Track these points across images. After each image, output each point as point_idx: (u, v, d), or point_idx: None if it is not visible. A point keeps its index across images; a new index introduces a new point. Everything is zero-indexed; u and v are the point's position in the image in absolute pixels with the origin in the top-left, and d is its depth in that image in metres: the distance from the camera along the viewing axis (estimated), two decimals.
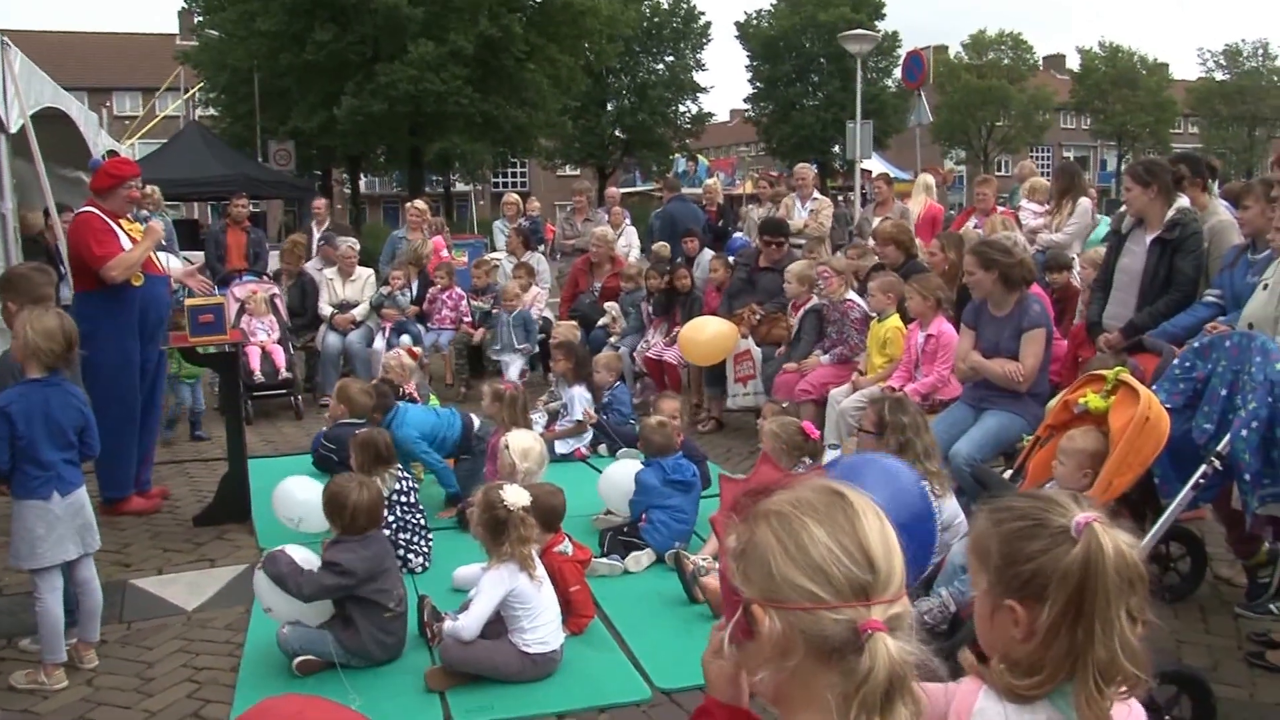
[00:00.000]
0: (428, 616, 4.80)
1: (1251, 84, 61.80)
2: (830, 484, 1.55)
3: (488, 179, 41.92)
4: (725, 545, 1.55)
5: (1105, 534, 1.78)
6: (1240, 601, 5.30)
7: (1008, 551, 1.83)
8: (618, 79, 47.27)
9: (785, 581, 1.43)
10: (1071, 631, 1.77)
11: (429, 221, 12.71)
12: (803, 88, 50.37)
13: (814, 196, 11.64)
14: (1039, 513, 1.84)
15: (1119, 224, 6.66)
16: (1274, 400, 3.84)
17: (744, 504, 1.56)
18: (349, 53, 28.04)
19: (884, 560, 1.46)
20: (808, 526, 1.46)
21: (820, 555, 1.43)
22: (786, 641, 1.44)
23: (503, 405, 6.67)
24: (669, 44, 48.25)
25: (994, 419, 5.93)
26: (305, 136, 29.53)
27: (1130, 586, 1.78)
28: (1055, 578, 1.77)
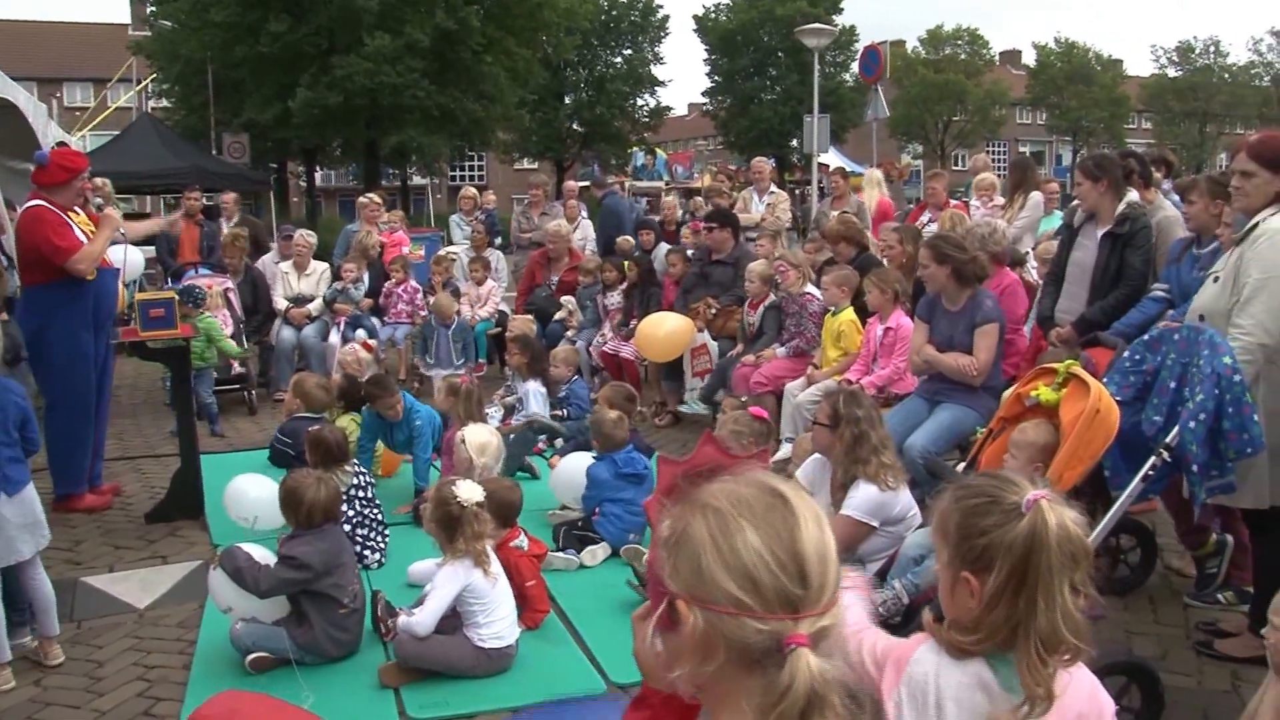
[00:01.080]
0: (382, 612, 4.78)
1: (1203, 81, 62.62)
2: (772, 482, 1.50)
3: (444, 172, 41.75)
4: (657, 531, 1.50)
5: (1051, 510, 1.90)
6: (1189, 591, 5.39)
7: (964, 526, 1.96)
8: (575, 72, 47.16)
9: (713, 582, 1.39)
10: (1013, 600, 1.89)
11: (387, 217, 12.62)
12: (761, 81, 50.50)
13: (771, 190, 11.67)
14: (995, 491, 1.97)
15: (1071, 218, 6.73)
16: (1221, 392, 3.88)
17: (682, 487, 1.52)
18: (304, 44, 27.76)
19: (818, 571, 1.41)
20: (743, 529, 1.41)
21: (752, 561, 1.39)
22: (708, 642, 1.40)
23: (458, 400, 6.64)
24: (627, 37, 48.19)
25: (948, 412, 5.98)
26: (260, 129, 29.22)
27: (1073, 561, 1.90)
28: (1003, 550, 1.89)
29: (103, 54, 48.79)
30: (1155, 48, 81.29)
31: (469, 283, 11.28)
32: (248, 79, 28.74)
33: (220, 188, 23.43)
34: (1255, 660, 3.49)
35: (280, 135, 30.07)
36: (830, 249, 8.70)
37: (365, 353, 8.70)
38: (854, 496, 4.54)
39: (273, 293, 10.90)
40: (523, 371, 8.15)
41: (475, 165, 59.10)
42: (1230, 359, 3.93)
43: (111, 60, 39.39)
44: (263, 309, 10.73)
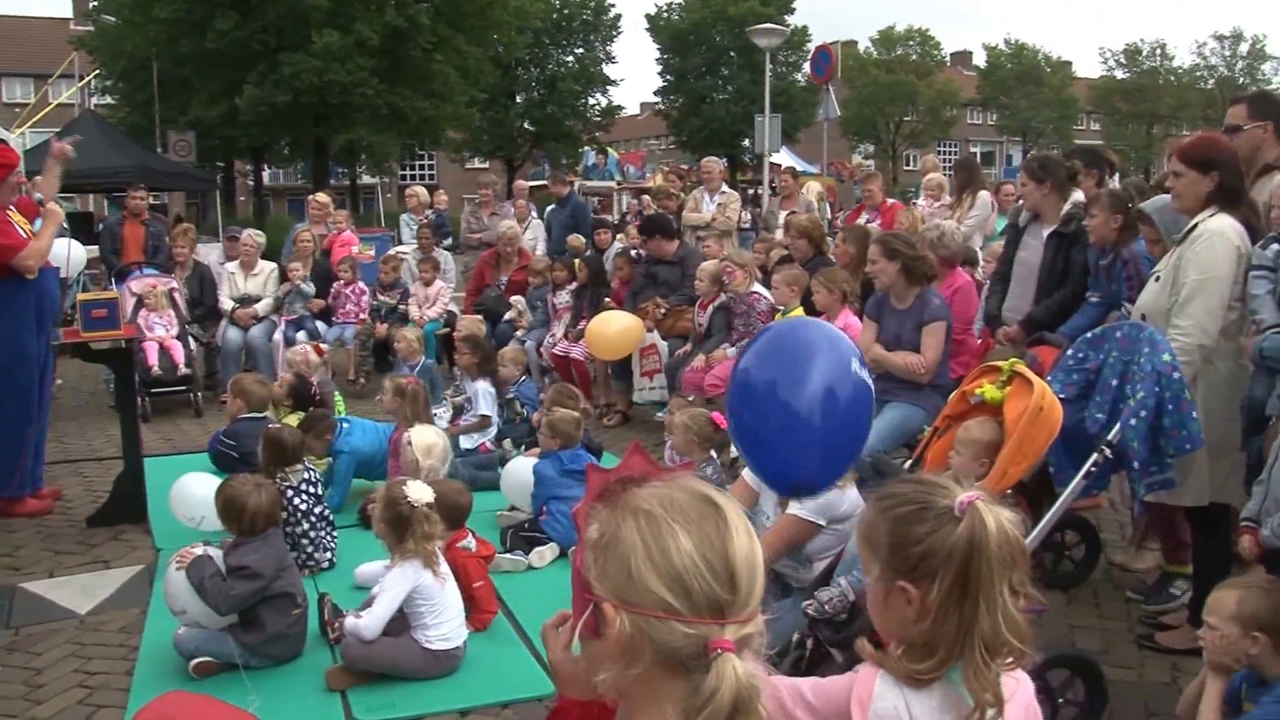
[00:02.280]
0: (329, 615, 4.75)
1: (1150, 83, 63.44)
2: (705, 490, 1.51)
3: (394, 172, 41.49)
4: (585, 536, 1.51)
5: (987, 512, 1.86)
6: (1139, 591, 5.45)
7: (897, 536, 1.90)
8: (527, 71, 46.98)
9: (642, 585, 1.39)
10: (960, 607, 1.84)
11: (335, 217, 12.53)
12: (713, 81, 50.60)
13: (722, 190, 11.70)
14: (923, 496, 1.91)
15: (1016, 218, 6.80)
16: (1161, 390, 3.93)
17: (613, 492, 1.52)
18: (251, 41, 27.42)
19: (746, 580, 1.42)
20: (676, 533, 1.42)
21: (683, 565, 1.40)
22: (634, 646, 1.40)
23: (404, 401, 6.60)
24: (579, 36, 48.08)
25: (895, 411, 6.01)
26: (207, 127, 28.84)
27: (1012, 561, 1.87)
28: (943, 556, 1.84)
29: (43, 49, 47.95)
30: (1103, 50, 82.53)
31: (417, 283, 11.20)
32: (194, 76, 28.37)
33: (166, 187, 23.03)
34: (1195, 652, 3.56)
35: (227, 133, 29.70)
36: (789, 243, 8.74)
37: (315, 356, 8.63)
38: None
39: (219, 293, 10.77)
40: (471, 372, 8.10)
41: (425, 164, 58.75)
42: (1170, 357, 3.98)
43: (52, 55, 38.61)
44: (208, 301, 10.64)
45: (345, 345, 10.77)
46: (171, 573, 4.53)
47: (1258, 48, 64.35)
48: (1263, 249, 4.47)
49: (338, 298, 10.90)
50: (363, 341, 10.64)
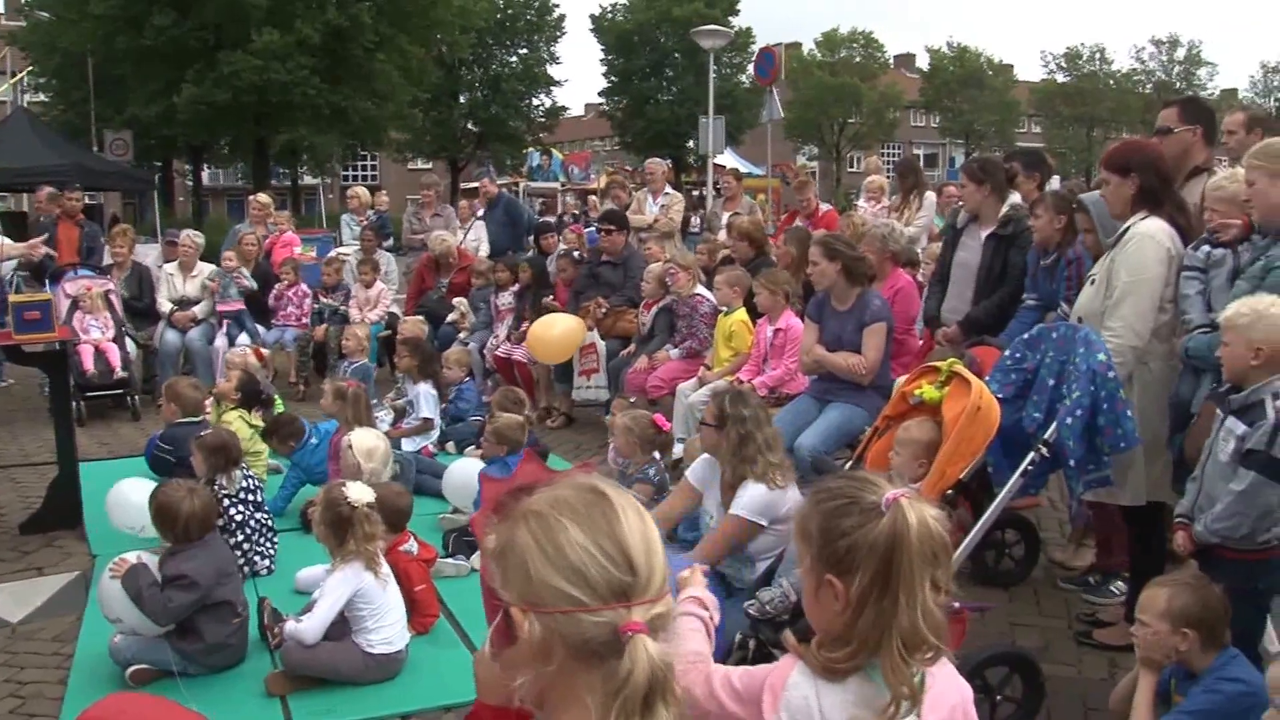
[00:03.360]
0: (268, 620, 4.70)
1: (1090, 86, 64.32)
2: (592, 482, 1.53)
3: (337, 172, 41.14)
4: (484, 547, 1.53)
5: (911, 508, 1.89)
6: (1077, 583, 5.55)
7: (825, 529, 1.93)
8: (470, 71, 46.70)
9: (544, 584, 1.42)
10: (879, 602, 1.86)
11: (275, 218, 12.39)
12: (657, 82, 50.64)
13: (665, 191, 11.71)
14: (854, 491, 1.94)
15: (955, 220, 6.87)
16: (1096, 389, 3.98)
17: (505, 504, 1.54)
18: (190, 39, 27.06)
19: (644, 560, 1.45)
20: (565, 527, 1.44)
21: (578, 557, 1.42)
22: (546, 645, 1.42)
23: (345, 404, 6.53)
24: (523, 36, 47.87)
25: (837, 411, 6.06)
26: (144, 126, 28.41)
27: (934, 558, 1.89)
28: (865, 550, 1.87)
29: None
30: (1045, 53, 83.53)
31: (358, 284, 11.10)
32: (130, 74, 27.92)
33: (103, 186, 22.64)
34: (1132, 648, 3.61)
35: (165, 133, 29.32)
36: (731, 245, 8.77)
37: (255, 359, 8.53)
38: (743, 496, 4.57)
39: (157, 295, 10.62)
40: (413, 374, 8.05)
41: (368, 165, 58.25)
42: (1105, 356, 4.04)
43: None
44: (144, 301, 10.49)
45: (286, 348, 10.64)
46: (106, 581, 4.44)
47: (1193, 53, 65.62)
48: (1194, 250, 4.55)
49: (280, 299, 10.78)
50: (303, 345, 10.53)
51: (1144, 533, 4.70)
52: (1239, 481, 3.49)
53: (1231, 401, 3.59)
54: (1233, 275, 4.37)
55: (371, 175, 57.47)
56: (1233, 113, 5.87)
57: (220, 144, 32.67)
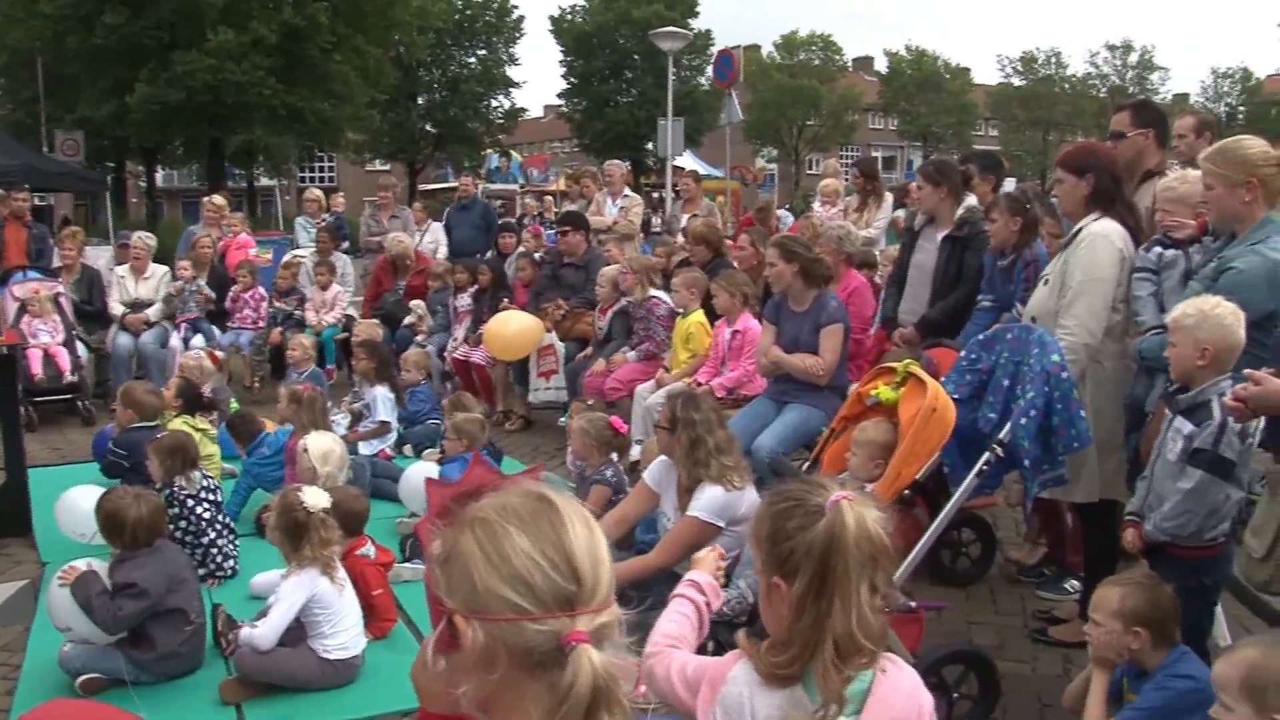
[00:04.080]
0: (223, 626, 4.66)
1: (1045, 90, 64.86)
2: (538, 489, 1.53)
3: (293, 173, 40.82)
4: (430, 553, 1.51)
5: (850, 510, 1.89)
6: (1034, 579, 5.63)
7: (773, 531, 1.95)
8: (428, 72, 46.45)
9: (488, 592, 1.41)
10: (817, 604, 1.87)
11: (230, 220, 12.27)
12: (617, 84, 50.56)
13: (624, 194, 11.71)
14: (801, 494, 1.96)
15: (912, 222, 6.91)
16: (1050, 389, 4.02)
17: (451, 509, 1.53)
18: (143, 38, 26.65)
19: (590, 570, 1.44)
20: (511, 535, 1.43)
21: (523, 565, 1.41)
22: (489, 653, 1.41)
23: (300, 408, 6.48)
24: (481, 37, 47.67)
25: (795, 413, 6.08)
26: (96, 126, 28.02)
27: (873, 561, 1.90)
28: (803, 552, 1.88)
29: None
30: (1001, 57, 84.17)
31: (314, 287, 11.02)
32: (81, 73, 27.50)
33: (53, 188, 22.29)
34: (1086, 645, 3.65)
35: (118, 133, 28.93)
36: (688, 248, 8.79)
37: (210, 363, 8.44)
38: (699, 498, 4.57)
39: (109, 299, 10.48)
40: (369, 377, 7.99)
41: (325, 166, 57.81)
42: (1059, 357, 4.08)
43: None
44: (95, 305, 10.35)
45: (241, 351, 10.54)
46: (55, 589, 4.38)
47: (1146, 58, 66.35)
48: (1145, 251, 4.62)
49: (236, 302, 10.67)
50: (258, 347, 10.43)
51: (1097, 530, 4.75)
52: (1187, 480, 3.53)
53: (1179, 401, 3.64)
54: (1185, 277, 4.44)
55: (329, 177, 57.03)
56: (1183, 117, 5.95)
57: (174, 145, 32.30)
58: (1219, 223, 4.18)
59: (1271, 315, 3.76)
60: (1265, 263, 3.88)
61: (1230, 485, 3.52)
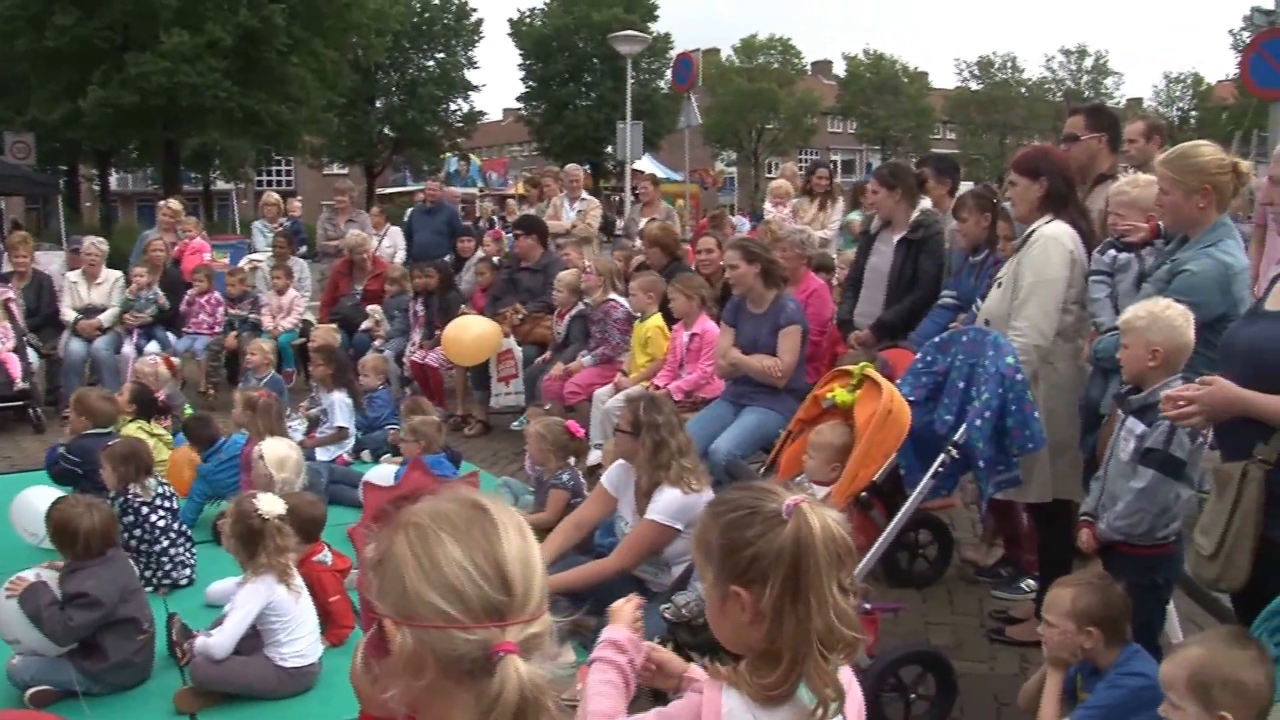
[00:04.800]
0: (177, 635, 4.60)
1: (1002, 94, 65.42)
2: (474, 497, 1.53)
3: (250, 177, 40.42)
4: (364, 556, 1.51)
5: (813, 513, 1.89)
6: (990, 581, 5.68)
7: (728, 541, 1.92)
8: (387, 75, 46.23)
9: (418, 598, 1.41)
10: (794, 609, 1.86)
11: (185, 224, 12.14)
12: (576, 87, 50.50)
13: (582, 197, 11.71)
14: (753, 501, 1.94)
15: (868, 225, 6.95)
16: (1004, 391, 4.06)
17: (387, 513, 1.53)
18: (95, 39, 26.27)
19: (521, 580, 1.45)
20: (443, 542, 1.44)
21: (454, 573, 1.41)
22: (417, 659, 1.41)
23: (256, 414, 6.42)
24: (440, 40, 47.51)
25: (752, 415, 6.10)
26: (48, 129, 27.58)
27: (839, 560, 1.90)
28: (771, 558, 1.86)
29: None
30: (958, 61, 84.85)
31: (271, 292, 10.93)
32: (32, 75, 27.07)
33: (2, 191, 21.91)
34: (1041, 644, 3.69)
35: (70, 136, 28.52)
36: (645, 252, 8.80)
37: (165, 369, 8.35)
38: (658, 501, 4.58)
39: (60, 304, 10.34)
40: (326, 383, 7.94)
41: (283, 170, 57.32)
42: (1013, 359, 4.12)
43: None
44: (44, 310, 10.20)
45: (196, 357, 10.43)
46: (3, 600, 4.31)
47: (1101, 63, 67.08)
48: (1100, 254, 4.67)
49: (191, 306, 10.57)
50: (214, 353, 10.33)
51: (1051, 530, 4.80)
52: (1139, 480, 3.57)
53: (1131, 402, 3.68)
54: (1138, 279, 4.50)
55: (286, 180, 56.56)
56: (1133, 122, 6.03)
57: (128, 148, 31.91)
58: (1174, 227, 4.23)
59: (1223, 317, 3.81)
60: (1217, 266, 3.93)
61: (1181, 484, 3.56)
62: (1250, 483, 3.00)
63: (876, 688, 3.88)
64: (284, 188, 43.82)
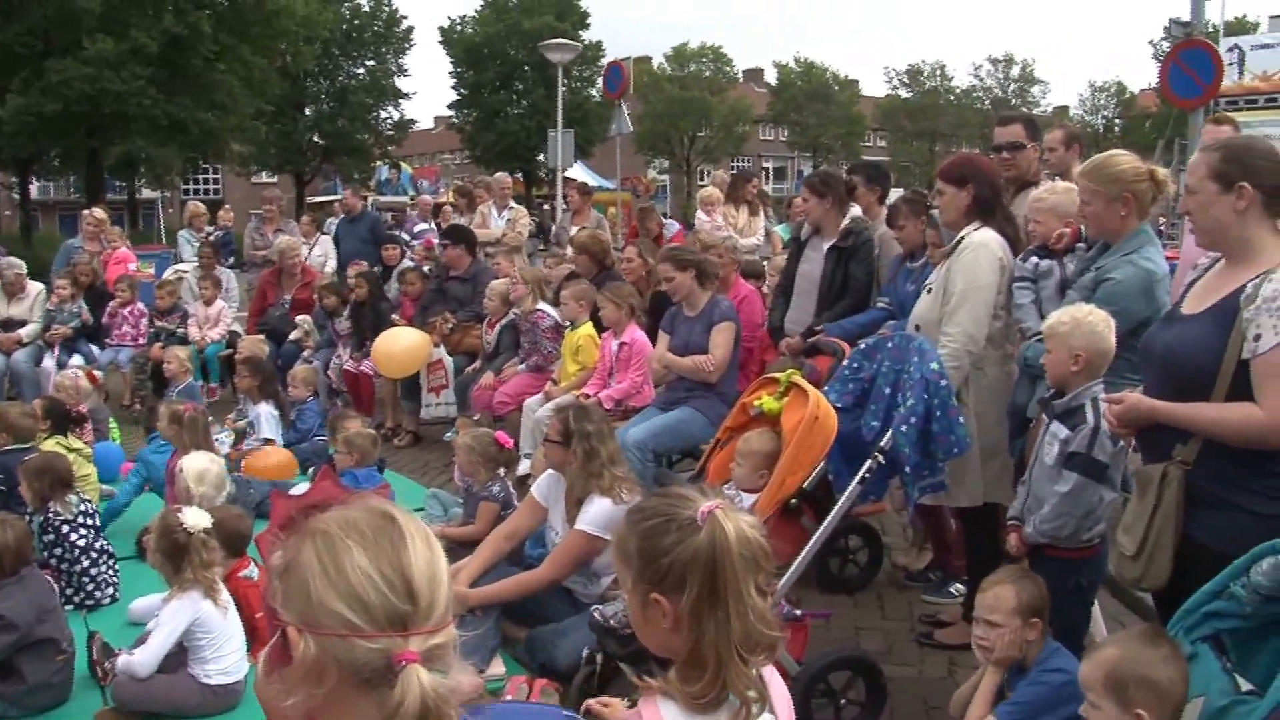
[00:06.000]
0: (98, 654, 4.50)
1: (931, 102, 66.34)
2: (383, 506, 1.53)
3: (177, 185, 39.82)
4: (270, 563, 1.51)
5: (727, 519, 1.92)
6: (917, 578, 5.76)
7: (646, 548, 1.94)
8: (316, 83, 45.69)
9: (321, 606, 1.41)
10: (713, 613, 1.88)
11: (109, 234, 11.91)
12: (507, 95, 50.37)
13: (510, 205, 11.67)
14: (669, 509, 1.96)
15: (798, 232, 6.99)
16: (929, 397, 4.10)
17: (295, 521, 1.52)
18: (15, 45, 25.67)
19: (426, 590, 1.45)
20: (350, 551, 1.44)
21: (359, 581, 1.42)
22: (319, 667, 1.41)
23: (181, 428, 6.31)
24: (370, 48, 47.09)
25: (674, 413, 6.18)
26: None
27: (755, 563, 1.92)
28: (689, 565, 1.88)
29: None
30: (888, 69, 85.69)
31: (198, 302, 10.75)
32: None
33: None
34: (969, 647, 3.73)
35: None
36: (573, 260, 8.79)
37: (87, 382, 8.17)
38: (588, 511, 4.57)
39: None
40: (253, 395, 7.82)
41: (211, 178, 56.50)
42: (937, 365, 4.16)
43: None
44: None
45: (121, 369, 10.23)
46: None
47: (1027, 71, 68.33)
48: (1023, 261, 4.75)
49: (114, 318, 10.36)
50: (139, 365, 10.13)
51: (979, 534, 4.85)
52: (1063, 483, 3.62)
53: (1055, 406, 3.73)
54: (1061, 285, 4.57)
55: (214, 189, 55.73)
56: (1052, 130, 6.14)
57: (50, 156, 31.23)
58: (1098, 235, 4.30)
59: (1146, 322, 3.88)
60: (1140, 273, 4.01)
61: (1104, 487, 3.62)
62: (1170, 483, 3.05)
63: (807, 693, 3.91)
64: (211, 196, 43.36)
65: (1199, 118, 11.09)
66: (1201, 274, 3.29)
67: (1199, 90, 10.86)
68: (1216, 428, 2.96)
